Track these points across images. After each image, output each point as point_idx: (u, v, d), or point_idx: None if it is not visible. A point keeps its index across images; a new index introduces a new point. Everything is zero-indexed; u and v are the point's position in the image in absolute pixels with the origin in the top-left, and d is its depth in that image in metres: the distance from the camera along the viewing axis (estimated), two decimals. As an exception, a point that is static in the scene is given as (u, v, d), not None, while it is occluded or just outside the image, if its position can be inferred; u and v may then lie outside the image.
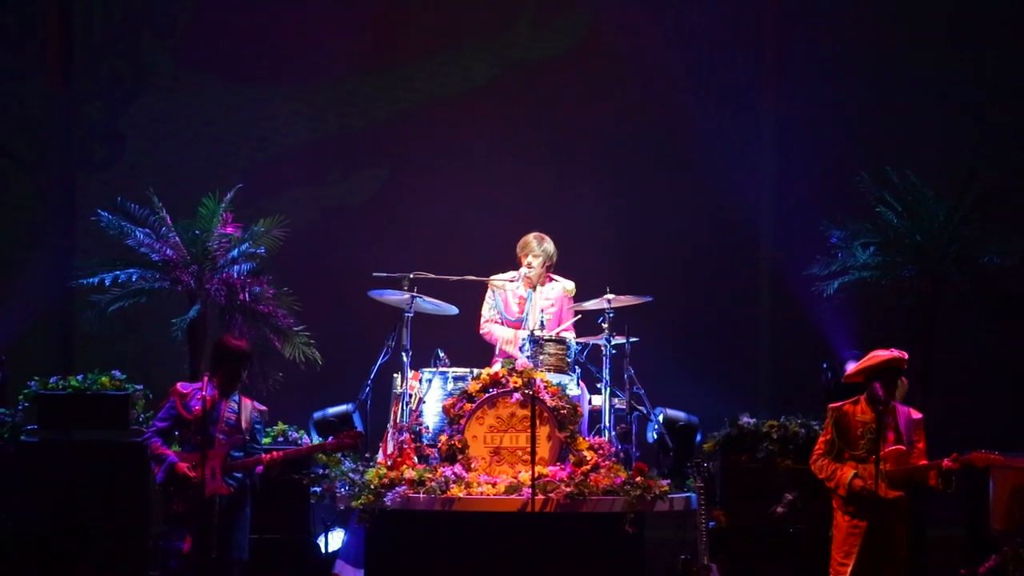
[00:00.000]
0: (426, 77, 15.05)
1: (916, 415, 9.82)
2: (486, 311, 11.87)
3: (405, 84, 15.01)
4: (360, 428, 11.34)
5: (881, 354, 9.77)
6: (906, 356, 9.80)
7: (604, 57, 15.06)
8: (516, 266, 11.83)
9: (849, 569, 9.64)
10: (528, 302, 11.77)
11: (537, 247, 11.71)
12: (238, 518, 9.92)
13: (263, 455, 10.03)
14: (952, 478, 9.61)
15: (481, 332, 11.87)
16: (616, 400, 11.24)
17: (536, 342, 11.23)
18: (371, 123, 14.98)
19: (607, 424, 11.14)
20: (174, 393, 10.01)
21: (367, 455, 11.04)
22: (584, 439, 10.89)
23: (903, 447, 9.64)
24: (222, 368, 10.00)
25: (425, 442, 10.99)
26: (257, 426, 10.11)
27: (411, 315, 11.21)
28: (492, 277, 11.84)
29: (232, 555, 9.86)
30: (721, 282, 14.79)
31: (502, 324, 11.81)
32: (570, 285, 11.78)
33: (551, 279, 11.83)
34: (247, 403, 10.08)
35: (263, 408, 10.22)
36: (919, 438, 9.79)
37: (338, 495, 10.70)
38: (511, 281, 11.80)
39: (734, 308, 14.86)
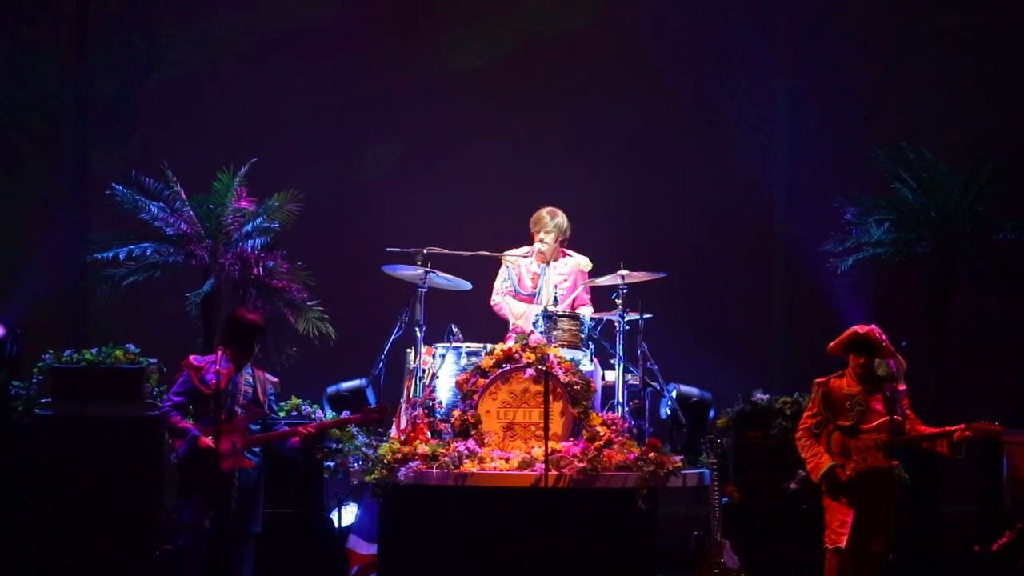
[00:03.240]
0: (441, 52, 15.03)
1: (901, 386, 9.97)
2: (498, 284, 11.85)
3: (420, 59, 14.99)
4: (373, 403, 11.35)
5: (853, 328, 9.97)
6: (875, 329, 9.90)
7: (618, 32, 15.02)
8: (530, 242, 11.80)
9: (846, 537, 9.73)
10: (542, 277, 11.74)
11: (550, 222, 11.67)
12: (258, 491, 9.96)
13: (300, 428, 10.06)
14: (962, 446, 9.74)
15: (492, 304, 11.85)
16: (629, 376, 11.23)
17: (550, 318, 11.21)
18: (385, 98, 14.96)
19: (620, 400, 11.13)
20: (187, 366, 10.00)
21: (380, 430, 11.05)
22: (597, 415, 10.87)
23: (897, 417, 9.73)
24: (236, 341, 10.02)
25: (438, 417, 10.98)
26: (271, 397, 10.17)
27: (424, 290, 11.19)
28: (505, 252, 11.82)
29: (250, 528, 9.91)
30: (735, 258, 14.77)
31: (516, 299, 11.80)
32: (585, 260, 11.74)
33: (565, 254, 11.80)
34: (260, 375, 10.11)
35: (275, 380, 10.26)
36: (907, 407, 9.94)
37: (351, 470, 10.71)
38: (524, 256, 11.78)
39: (748, 284, 14.84)
